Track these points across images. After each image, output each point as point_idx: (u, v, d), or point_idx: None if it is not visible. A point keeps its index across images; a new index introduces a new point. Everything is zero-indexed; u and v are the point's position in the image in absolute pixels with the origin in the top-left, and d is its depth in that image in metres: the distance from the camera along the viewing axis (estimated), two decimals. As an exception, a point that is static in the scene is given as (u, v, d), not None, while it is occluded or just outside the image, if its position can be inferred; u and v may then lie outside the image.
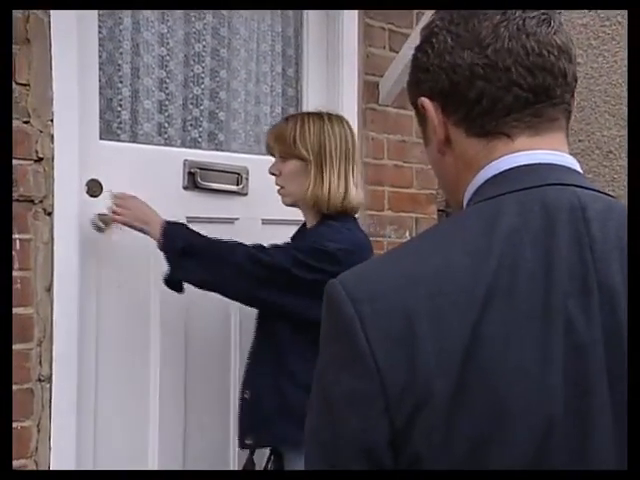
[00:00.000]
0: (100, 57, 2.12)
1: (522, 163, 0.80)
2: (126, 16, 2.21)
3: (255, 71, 2.53)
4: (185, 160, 2.26)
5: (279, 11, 2.56)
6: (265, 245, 1.91)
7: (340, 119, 2.04)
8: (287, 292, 1.84)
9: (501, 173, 0.80)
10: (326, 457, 0.74)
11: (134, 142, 2.23)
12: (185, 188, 2.25)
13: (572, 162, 0.82)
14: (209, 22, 2.40)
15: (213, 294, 2.26)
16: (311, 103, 2.57)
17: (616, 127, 3.53)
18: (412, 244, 0.81)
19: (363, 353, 0.70)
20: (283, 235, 2.07)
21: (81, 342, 1.98)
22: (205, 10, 2.37)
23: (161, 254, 1.94)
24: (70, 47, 1.96)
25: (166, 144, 2.30)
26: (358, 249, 1.91)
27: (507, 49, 0.79)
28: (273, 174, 2.01)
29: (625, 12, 3.35)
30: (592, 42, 3.67)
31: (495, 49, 0.79)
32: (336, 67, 2.60)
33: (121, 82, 2.21)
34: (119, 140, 2.20)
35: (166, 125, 2.32)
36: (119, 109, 2.21)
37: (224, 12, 2.43)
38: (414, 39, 2.35)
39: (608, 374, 0.71)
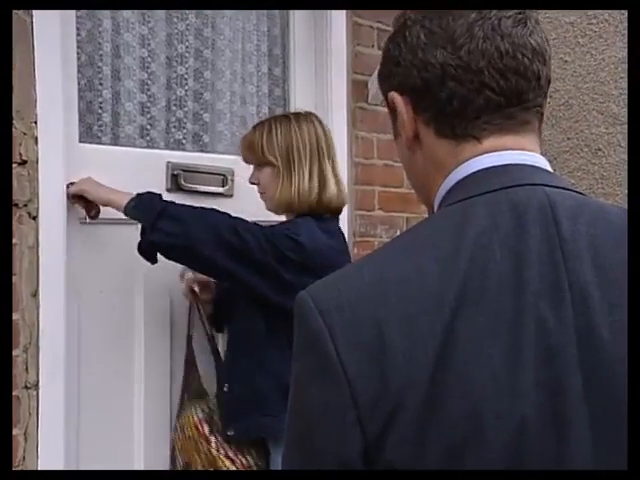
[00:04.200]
0: (79, 59, 2.08)
1: (491, 164, 0.79)
2: (106, 17, 2.17)
3: (240, 71, 2.51)
4: (168, 162, 2.23)
5: (265, 10, 2.53)
6: (244, 220, 1.92)
7: (309, 117, 2.04)
8: (255, 271, 1.85)
9: (470, 175, 0.79)
10: (304, 468, 0.72)
11: (115, 145, 2.20)
12: (168, 190, 2.22)
13: (543, 162, 0.81)
14: (192, 23, 2.37)
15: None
16: (298, 103, 2.55)
17: (604, 124, 3.52)
18: (382, 251, 0.80)
19: (333, 364, 0.69)
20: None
21: (68, 348, 1.95)
22: (187, 10, 2.34)
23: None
24: (54, 48, 1.92)
25: (148, 146, 2.27)
26: (327, 248, 1.92)
27: (481, 50, 0.77)
28: (253, 183, 2.06)
29: (612, 10, 3.35)
30: (579, 40, 3.67)
31: (469, 50, 0.78)
32: (324, 66, 2.58)
33: (101, 84, 2.18)
34: (100, 143, 2.17)
35: (148, 127, 2.28)
36: (99, 112, 2.18)
37: (207, 12, 2.40)
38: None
39: (582, 375, 0.70)
